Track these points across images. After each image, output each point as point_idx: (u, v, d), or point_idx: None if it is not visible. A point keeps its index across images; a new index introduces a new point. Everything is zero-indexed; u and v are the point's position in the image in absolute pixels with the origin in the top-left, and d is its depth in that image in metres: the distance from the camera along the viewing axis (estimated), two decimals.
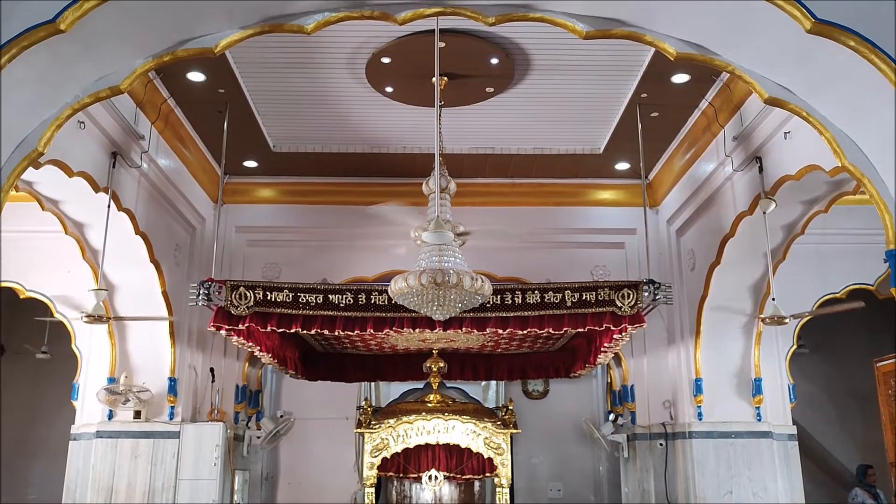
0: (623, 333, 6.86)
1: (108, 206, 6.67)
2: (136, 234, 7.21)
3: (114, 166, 6.71)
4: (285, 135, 8.33)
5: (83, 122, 6.10)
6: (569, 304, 6.62)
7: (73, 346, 8.25)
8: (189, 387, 8.23)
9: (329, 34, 5.02)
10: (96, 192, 6.51)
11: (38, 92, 3.86)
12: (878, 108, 3.76)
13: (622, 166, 8.92)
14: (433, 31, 5.63)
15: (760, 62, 4.15)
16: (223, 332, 6.80)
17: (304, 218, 9.31)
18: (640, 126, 7.53)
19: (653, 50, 5.95)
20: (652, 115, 7.54)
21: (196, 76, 6.88)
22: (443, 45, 5.89)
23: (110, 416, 7.79)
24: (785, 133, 6.31)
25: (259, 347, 7.32)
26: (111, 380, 7.79)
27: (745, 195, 7.15)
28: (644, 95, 7.22)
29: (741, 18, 3.85)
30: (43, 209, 6.97)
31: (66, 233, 7.25)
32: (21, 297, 8.33)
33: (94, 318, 6.62)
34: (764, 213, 6.82)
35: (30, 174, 6.16)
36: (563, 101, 7.50)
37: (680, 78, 6.87)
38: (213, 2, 3.91)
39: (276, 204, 9.38)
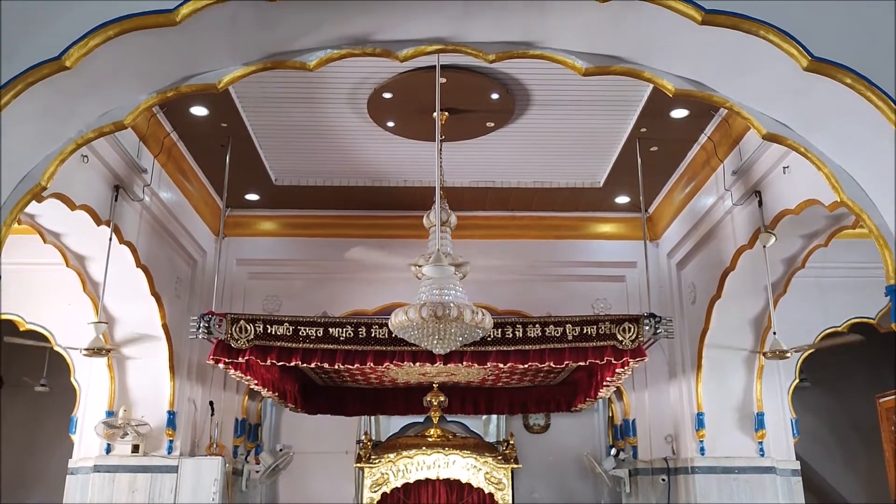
0: (626, 367, 6.85)
1: (110, 239, 6.70)
2: (137, 266, 7.23)
3: (116, 199, 6.74)
4: (287, 168, 8.38)
5: (86, 156, 6.14)
6: (570, 337, 6.61)
7: (72, 378, 8.21)
8: (188, 420, 8.18)
9: (331, 70, 5.08)
10: (98, 225, 6.53)
11: (42, 127, 3.89)
12: (876, 145, 3.79)
13: (622, 200, 8.95)
14: (434, 66, 5.70)
15: (758, 98, 4.19)
16: (222, 366, 6.78)
17: (305, 250, 9.33)
18: (639, 160, 7.58)
19: (652, 85, 6.01)
20: (651, 149, 7.58)
21: (199, 110, 6.94)
22: (444, 80, 5.95)
23: (108, 450, 7.73)
24: (784, 167, 6.35)
25: (258, 381, 7.30)
26: (110, 413, 7.74)
27: (745, 229, 7.17)
28: (643, 130, 7.27)
29: (739, 56, 3.90)
30: (44, 242, 6.99)
31: (67, 265, 7.27)
32: (21, 329, 8.31)
33: (94, 352, 6.61)
34: (764, 246, 6.84)
35: (32, 207, 6.18)
36: (563, 136, 7.55)
37: (679, 113, 6.93)
38: (216, 39, 3.96)
39: (277, 237, 9.41)
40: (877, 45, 3.72)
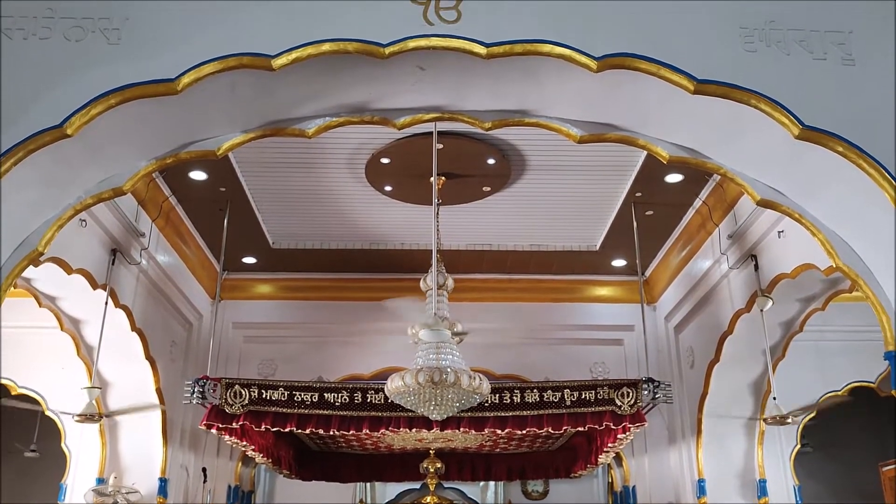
0: (625, 433, 6.78)
1: (106, 303, 6.67)
2: (133, 330, 7.18)
3: (113, 263, 6.75)
4: (285, 232, 8.42)
5: (84, 220, 6.17)
6: (568, 402, 6.55)
7: (62, 444, 8.06)
8: (180, 487, 8.02)
9: (329, 135, 5.13)
10: (94, 288, 6.52)
11: (41, 193, 3.91)
12: (869, 211, 3.82)
13: (619, 263, 8.97)
14: (431, 132, 5.78)
15: (751, 166, 4.23)
16: (216, 431, 6.69)
17: (301, 314, 9.30)
18: (635, 224, 7.62)
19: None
20: (647, 213, 7.64)
21: (198, 175, 7.00)
22: (441, 146, 6.03)
23: None
24: (779, 232, 6.39)
25: (252, 447, 7.19)
26: (100, 480, 7.57)
27: (742, 293, 7.17)
28: (639, 194, 7.34)
29: (731, 124, 3.96)
30: (40, 305, 6.96)
31: (61, 329, 7.22)
32: (13, 392, 8.20)
33: (86, 417, 6.53)
34: (761, 310, 6.83)
35: (28, 271, 6.15)
36: (559, 200, 7.62)
37: (673, 177, 7.01)
38: (216, 107, 4.02)
39: (273, 300, 9.39)
40: (867, 113, 3.79)
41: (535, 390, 6.62)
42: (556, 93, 4.12)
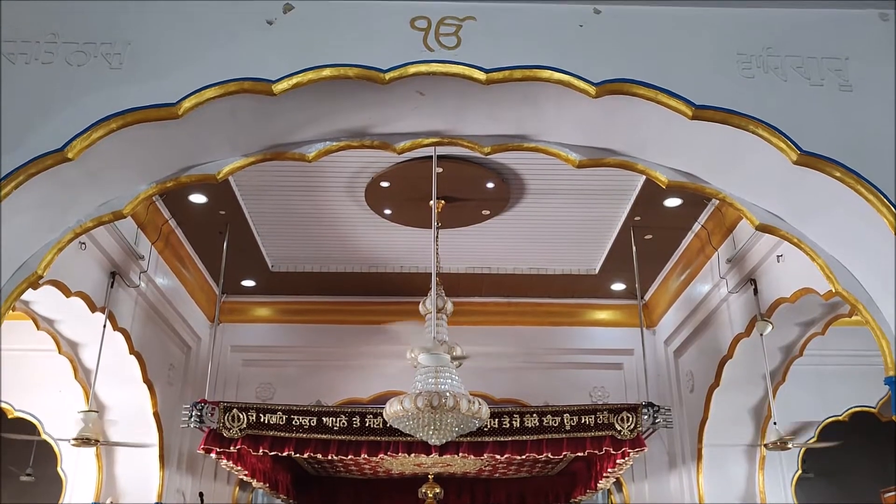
0: (625, 458, 6.74)
1: (104, 326, 6.66)
2: (131, 353, 7.17)
3: (112, 286, 6.74)
4: (284, 255, 8.42)
5: (84, 243, 6.18)
6: (568, 427, 6.52)
7: (58, 468, 8.01)
8: None
9: (329, 159, 5.13)
10: (93, 311, 6.51)
11: (41, 217, 3.92)
12: (868, 236, 3.82)
13: (618, 287, 8.97)
14: (431, 156, 5.81)
15: (750, 191, 4.25)
16: (213, 455, 6.65)
17: (300, 337, 9.28)
18: (634, 248, 7.63)
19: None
20: (646, 237, 7.65)
21: (198, 198, 7.02)
22: (440, 170, 6.06)
23: None
24: (778, 256, 6.40)
25: (249, 471, 7.14)
26: None
27: (742, 317, 7.17)
28: (637, 218, 7.35)
29: (730, 149, 3.97)
30: (38, 328, 6.94)
31: (59, 352, 7.21)
32: (9, 416, 8.16)
33: (83, 441, 6.49)
34: (761, 335, 6.82)
35: (27, 293, 6.13)
36: (558, 224, 7.63)
37: (672, 202, 7.02)
38: (217, 131, 4.03)
39: (272, 323, 9.37)
40: (864, 139, 3.81)
41: (534, 415, 6.59)
42: (556, 118, 4.14)
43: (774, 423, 6.82)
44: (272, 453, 6.65)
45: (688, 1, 3.98)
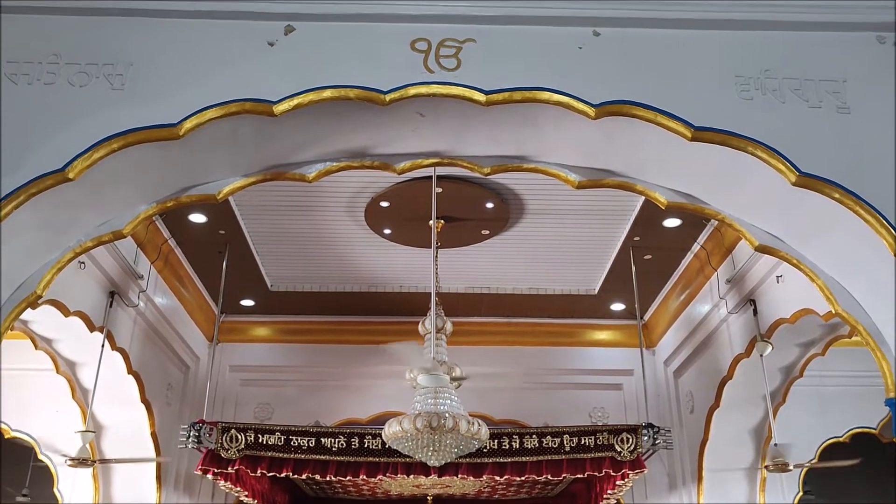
0: (625, 479, 6.71)
1: (102, 346, 6.64)
2: (129, 373, 7.14)
3: (111, 305, 6.74)
4: (283, 274, 8.42)
5: (83, 263, 6.18)
6: (567, 448, 6.51)
7: (55, 489, 7.95)
8: None
9: (329, 179, 5.13)
10: (91, 331, 6.50)
11: (41, 237, 3.92)
12: (867, 257, 3.82)
13: (617, 307, 8.96)
14: (431, 176, 5.82)
15: (749, 212, 4.25)
16: (211, 476, 6.61)
17: (298, 357, 9.25)
18: (633, 268, 7.64)
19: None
20: (645, 257, 7.66)
21: (197, 217, 7.03)
22: (440, 190, 6.07)
23: None
24: (777, 276, 6.40)
25: (247, 493, 7.09)
26: None
27: (741, 337, 7.15)
28: (637, 239, 7.36)
29: (728, 170, 3.98)
30: (36, 348, 6.92)
31: (57, 371, 7.19)
32: (6, 436, 8.12)
33: (79, 462, 6.45)
34: (761, 355, 6.81)
35: (26, 313, 6.13)
36: (558, 244, 7.64)
37: (671, 222, 7.03)
38: (217, 152, 4.04)
39: (271, 343, 9.35)
40: (862, 160, 3.82)
41: (534, 436, 6.57)
42: (555, 139, 4.16)
43: (775, 445, 6.79)
44: (270, 474, 6.62)
45: (686, 24, 4.01)
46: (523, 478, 6.71)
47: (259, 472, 6.53)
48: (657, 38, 3.98)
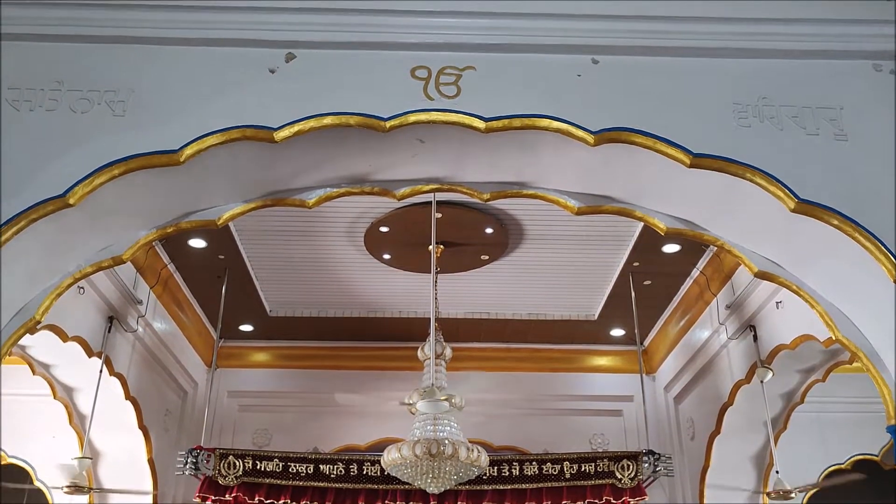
0: None
1: (100, 371, 6.62)
2: (126, 398, 7.11)
3: (109, 331, 6.72)
4: (282, 300, 8.41)
5: (82, 288, 6.17)
6: (567, 475, 6.48)
7: None
8: None
9: (329, 205, 5.15)
10: (90, 356, 6.48)
11: (40, 262, 3.92)
12: (866, 284, 3.83)
13: (617, 332, 8.94)
14: (430, 202, 5.84)
15: (748, 238, 4.26)
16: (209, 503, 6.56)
17: (297, 383, 9.21)
18: (633, 293, 7.63)
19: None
20: (645, 282, 7.66)
21: (197, 242, 7.03)
22: (439, 215, 6.08)
23: None
24: (777, 302, 6.40)
25: None
26: None
27: (742, 363, 7.13)
28: (636, 264, 7.37)
29: (727, 197, 4.00)
30: (34, 373, 6.89)
31: (54, 397, 7.14)
32: (3, 462, 8.05)
33: (76, 489, 6.39)
34: (761, 381, 6.78)
35: (23, 339, 6.13)
36: (557, 269, 7.64)
37: (671, 248, 7.04)
38: (218, 178, 4.06)
39: (269, 368, 9.31)
40: (861, 187, 3.83)
41: (534, 463, 6.55)
42: (554, 165, 4.18)
43: (777, 472, 6.74)
44: (268, 501, 6.56)
45: (684, 52, 4.05)
46: None
47: (257, 499, 6.48)
48: (656, 65, 4.02)
